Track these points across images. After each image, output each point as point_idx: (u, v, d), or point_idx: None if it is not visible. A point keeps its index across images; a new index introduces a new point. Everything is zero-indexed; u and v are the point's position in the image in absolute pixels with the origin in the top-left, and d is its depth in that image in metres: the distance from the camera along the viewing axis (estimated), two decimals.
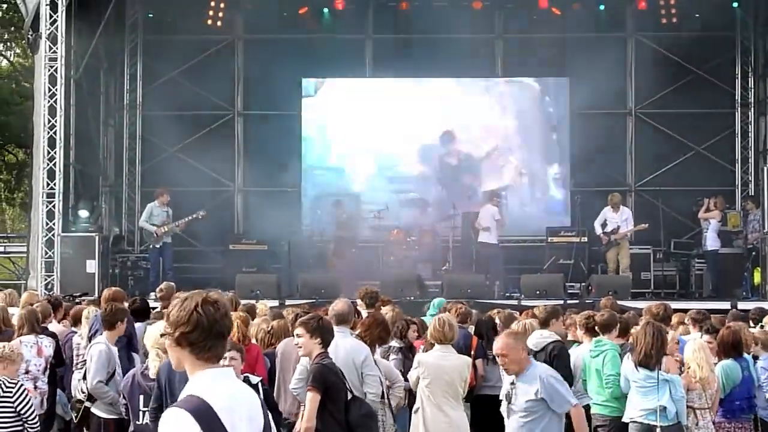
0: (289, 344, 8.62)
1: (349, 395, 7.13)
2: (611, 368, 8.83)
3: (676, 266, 20.47)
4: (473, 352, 10.01)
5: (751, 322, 11.80)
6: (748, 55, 22.26)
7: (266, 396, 7.03)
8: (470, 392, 9.19)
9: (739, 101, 22.27)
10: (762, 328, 10.93)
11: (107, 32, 20.52)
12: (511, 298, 17.57)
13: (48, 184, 17.70)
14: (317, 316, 7.43)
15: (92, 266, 17.76)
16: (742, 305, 15.51)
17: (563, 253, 19.65)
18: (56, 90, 17.79)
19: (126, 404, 7.58)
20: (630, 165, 22.56)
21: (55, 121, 17.78)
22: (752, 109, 22.17)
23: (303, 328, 7.18)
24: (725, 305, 15.96)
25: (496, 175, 22.08)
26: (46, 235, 17.61)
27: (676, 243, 20.69)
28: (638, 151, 22.46)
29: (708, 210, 19.50)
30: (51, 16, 17.84)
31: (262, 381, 7.24)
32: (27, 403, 7.98)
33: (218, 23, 22.22)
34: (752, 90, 22.20)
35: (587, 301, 16.21)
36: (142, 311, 10.63)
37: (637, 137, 22.47)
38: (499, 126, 22.31)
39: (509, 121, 22.28)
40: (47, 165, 17.70)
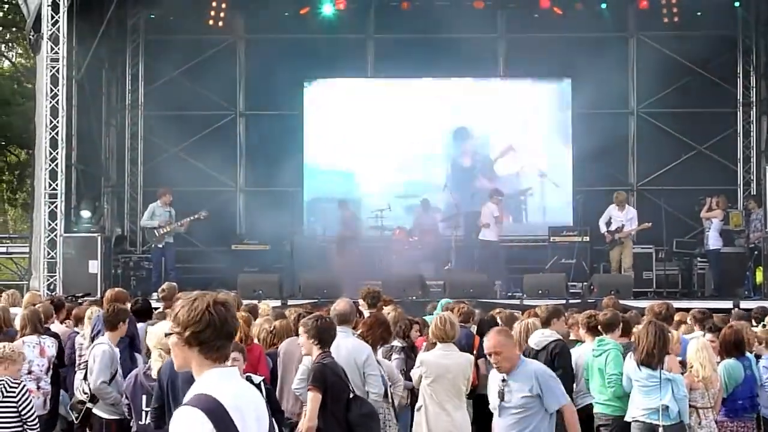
0: (292, 344, 8.64)
1: (350, 394, 7.14)
2: (614, 367, 8.82)
3: (679, 265, 20.46)
4: (476, 351, 10.01)
5: (753, 321, 11.81)
6: (750, 54, 22.26)
7: (269, 395, 7.04)
8: (472, 391, 9.19)
9: (740, 100, 22.26)
10: (764, 327, 10.92)
11: (109, 33, 20.57)
12: (513, 298, 17.57)
13: (50, 185, 17.72)
14: (316, 317, 7.46)
15: (94, 266, 17.78)
16: (744, 304, 15.50)
17: (565, 253, 19.63)
18: (58, 90, 17.81)
19: (128, 404, 7.59)
20: (632, 164, 22.56)
21: (57, 122, 17.79)
22: (754, 108, 22.17)
23: (302, 329, 7.34)
24: (727, 304, 15.97)
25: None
26: (49, 235, 17.62)
27: (678, 242, 20.69)
28: (640, 151, 22.45)
29: (710, 209, 19.50)
30: (53, 17, 17.86)
31: (264, 380, 7.25)
32: (28, 404, 7.98)
33: (219, 23, 22.21)
34: (754, 89, 22.20)
35: (589, 301, 16.22)
36: (145, 311, 10.63)
37: (639, 137, 22.46)
38: (500, 126, 22.31)
39: (510, 122, 22.27)
40: (49, 165, 17.72)
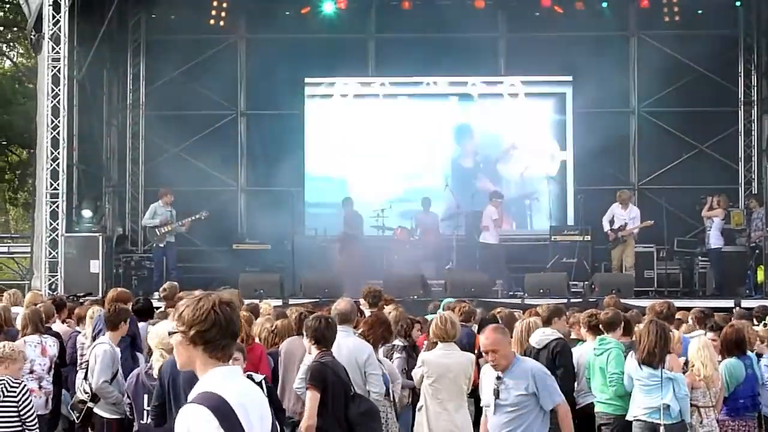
0: (293, 343, 8.65)
1: (351, 393, 7.14)
2: (615, 366, 8.81)
3: (680, 264, 20.45)
4: (477, 350, 10.00)
5: (754, 320, 11.81)
6: (751, 53, 22.26)
7: (270, 394, 7.03)
8: (474, 390, 9.19)
9: (742, 99, 22.25)
10: (765, 326, 10.92)
11: (110, 32, 20.59)
12: (514, 297, 17.58)
13: (51, 185, 17.73)
14: (316, 317, 7.46)
15: (96, 266, 17.79)
16: (746, 303, 15.54)
17: (566, 252, 19.62)
18: (59, 90, 17.82)
19: (130, 404, 7.59)
20: (633, 163, 22.54)
21: (58, 122, 17.80)
22: (755, 107, 22.16)
23: (304, 329, 7.41)
24: (728, 303, 16.00)
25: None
26: (50, 235, 17.63)
27: (679, 241, 20.68)
28: (641, 150, 22.44)
29: (711, 208, 19.50)
30: (54, 17, 17.86)
31: (265, 379, 7.25)
32: (28, 404, 7.98)
33: (221, 23, 22.22)
34: (755, 88, 22.20)
35: (590, 300, 16.22)
36: (146, 311, 10.63)
37: (640, 135, 22.44)
38: (501, 125, 22.29)
39: (511, 121, 22.25)
40: (50, 165, 17.73)
